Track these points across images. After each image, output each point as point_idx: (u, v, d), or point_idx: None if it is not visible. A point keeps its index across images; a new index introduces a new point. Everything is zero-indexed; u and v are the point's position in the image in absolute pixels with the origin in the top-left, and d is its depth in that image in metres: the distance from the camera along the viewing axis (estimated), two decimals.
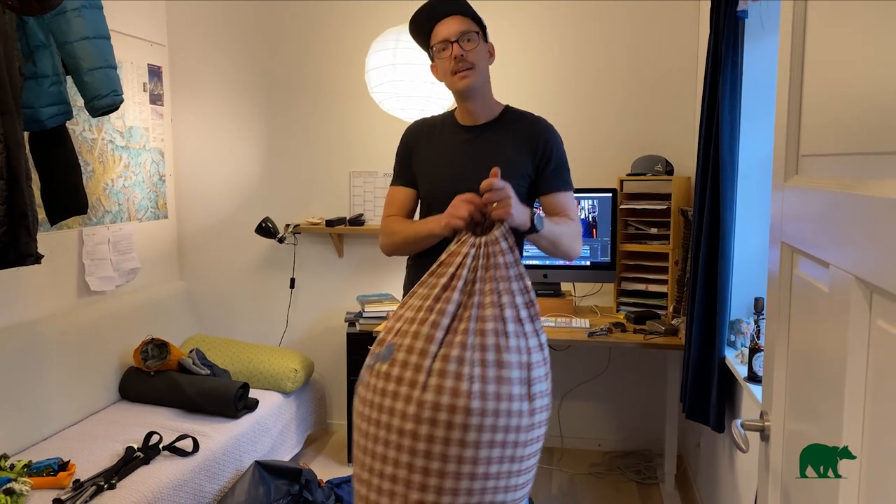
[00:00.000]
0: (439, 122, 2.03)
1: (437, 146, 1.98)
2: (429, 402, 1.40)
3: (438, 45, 1.88)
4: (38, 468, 2.37)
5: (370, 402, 1.52)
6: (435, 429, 1.39)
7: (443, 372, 1.42)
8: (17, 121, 2.01)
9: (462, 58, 1.84)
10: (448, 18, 1.88)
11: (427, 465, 1.40)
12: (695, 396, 2.50)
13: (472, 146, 1.95)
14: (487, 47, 1.94)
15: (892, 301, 0.73)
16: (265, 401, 3.24)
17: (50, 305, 3.03)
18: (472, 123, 1.97)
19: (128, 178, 3.53)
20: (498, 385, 1.42)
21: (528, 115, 2.01)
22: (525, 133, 1.95)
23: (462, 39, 1.85)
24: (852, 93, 0.87)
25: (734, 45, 2.29)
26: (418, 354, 1.46)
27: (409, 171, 2.01)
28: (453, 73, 1.86)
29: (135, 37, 3.57)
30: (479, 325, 1.47)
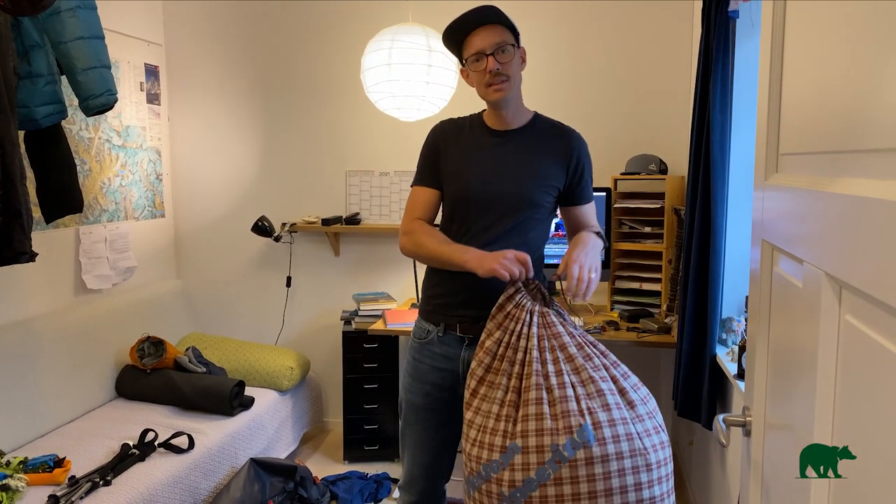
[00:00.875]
0: (467, 124, 2.01)
1: (467, 148, 1.96)
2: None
3: (472, 56, 1.85)
4: (33, 465, 2.38)
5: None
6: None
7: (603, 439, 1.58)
8: (11, 120, 2.03)
9: (497, 72, 1.82)
10: (483, 28, 1.85)
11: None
12: (686, 394, 2.52)
13: (502, 151, 1.94)
14: (521, 53, 1.92)
15: (860, 297, 0.75)
16: (261, 399, 3.26)
17: (47, 303, 3.05)
18: (503, 128, 1.96)
19: (125, 177, 3.54)
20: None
21: (560, 125, 2.01)
22: (557, 144, 1.96)
23: (497, 52, 1.83)
24: (826, 91, 0.88)
25: (725, 45, 2.31)
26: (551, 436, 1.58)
27: (435, 172, 1.98)
28: (488, 85, 1.85)
29: (132, 36, 3.59)
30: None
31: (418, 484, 2.06)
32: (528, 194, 1.91)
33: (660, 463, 1.60)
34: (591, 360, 1.68)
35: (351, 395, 3.48)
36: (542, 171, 1.93)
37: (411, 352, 2.04)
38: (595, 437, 1.54)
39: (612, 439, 1.55)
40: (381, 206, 3.76)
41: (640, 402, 1.65)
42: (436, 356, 1.98)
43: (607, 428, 1.56)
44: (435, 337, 1.97)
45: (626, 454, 1.56)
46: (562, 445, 1.54)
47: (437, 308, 1.98)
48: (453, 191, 1.95)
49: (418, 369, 2.00)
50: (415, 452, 2.04)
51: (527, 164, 1.93)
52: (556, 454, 1.54)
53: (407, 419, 2.05)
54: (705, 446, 2.75)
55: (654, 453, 1.59)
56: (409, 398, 2.03)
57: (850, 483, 0.77)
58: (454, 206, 1.96)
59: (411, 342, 2.06)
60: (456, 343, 1.96)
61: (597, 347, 1.73)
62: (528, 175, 1.92)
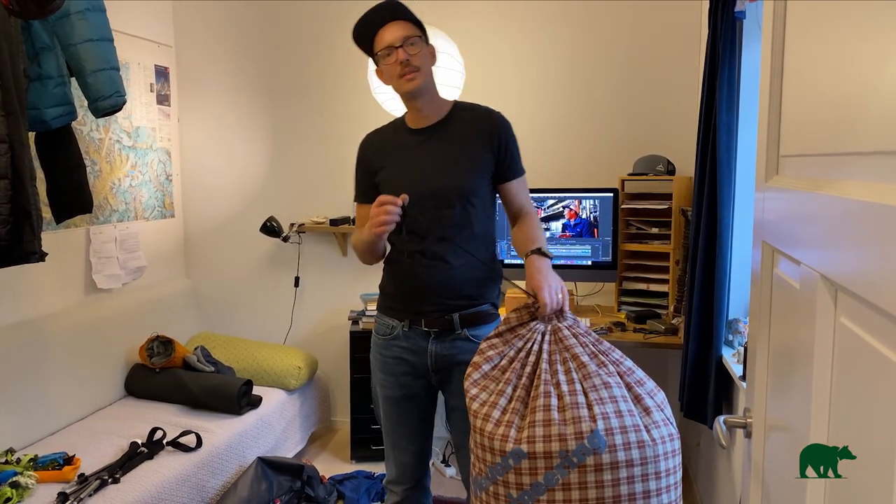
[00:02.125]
0: (391, 130, 2.07)
1: (395, 154, 2.02)
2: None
3: (383, 50, 1.92)
4: (43, 462, 2.41)
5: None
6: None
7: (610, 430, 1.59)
8: (21, 122, 2.05)
9: (408, 62, 1.89)
10: (390, 24, 1.92)
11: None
12: (692, 395, 2.51)
13: (426, 147, 1.99)
14: (429, 49, 1.98)
15: (854, 299, 0.75)
16: (269, 398, 3.28)
17: (57, 303, 3.08)
18: (425, 125, 2.01)
19: (135, 177, 3.57)
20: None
21: (479, 108, 2.05)
22: (480, 127, 2.00)
23: (406, 44, 1.90)
24: (825, 93, 0.88)
25: (732, 46, 2.30)
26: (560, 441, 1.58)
27: (370, 186, 2.05)
28: (400, 76, 1.91)
29: (142, 38, 3.62)
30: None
31: (411, 472, 2.12)
32: (460, 184, 1.96)
33: (669, 471, 1.59)
34: (605, 367, 1.68)
35: (358, 394, 3.50)
36: (470, 157, 1.97)
37: (377, 349, 2.09)
38: (606, 444, 1.54)
39: (623, 446, 1.55)
40: None
41: (656, 409, 1.64)
42: (403, 349, 2.03)
43: (619, 434, 1.56)
44: (400, 332, 2.02)
45: (637, 462, 1.55)
46: (571, 451, 1.54)
47: (398, 304, 2.02)
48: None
49: (387, 364, 2.06)
50: (404, 442, 2.10)
51: (453, 155, 1.97)
52: (566, 459, 1.54)
53: (388, 414, 2.10)
54: (712, 448, 2.74)
55: (664, 461, 1.58)
56: (386, 394, 2.08)
57: (845, 484, 0.77)
58: (402, 209, 2.02)
59: (375, 338, 2.10)
60: (422, 337, 2.00)
61: (611, 356, 1.73)
62: (456, 165, 1.97)
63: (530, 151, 3.58)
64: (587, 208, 3.22)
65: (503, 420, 1.64)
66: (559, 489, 1.54)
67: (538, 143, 3.57)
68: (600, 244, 3.23)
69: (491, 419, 1.65)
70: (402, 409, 2.07)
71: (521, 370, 1.71)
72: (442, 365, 2.00)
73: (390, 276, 2.06)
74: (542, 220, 3.25)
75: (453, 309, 1.97)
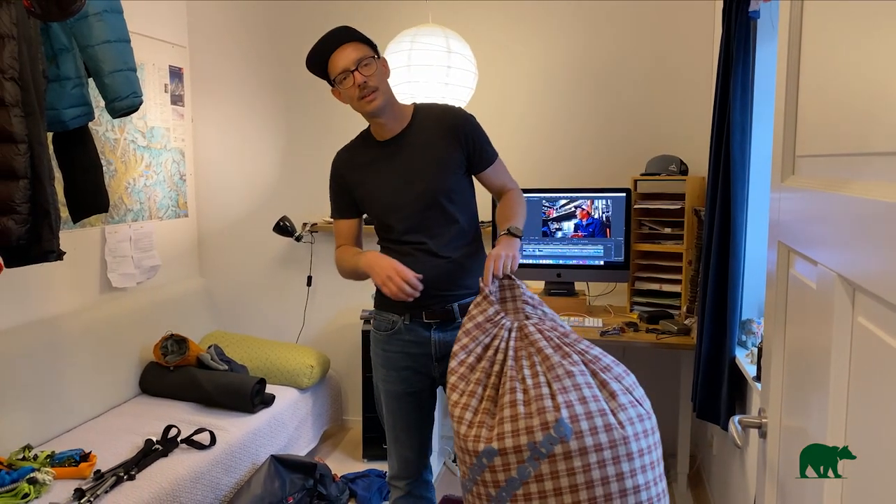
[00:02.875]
0: (360, 144, 2.11)
1: (369, 168, 2.06)
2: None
3: (339, 76, 1.94)
4: (60, 459, 2.44)
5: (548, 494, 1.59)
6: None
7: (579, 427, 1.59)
8: (40, 122, 2.08)
9: (365, 84, 1.92)
10: (341, 48, 1.94)
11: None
12: (705, 396, 2.51)
13: (400, 156, 2.03)
14: (382, 63, 2.00)
15: (872, 299, 0.75)
16: (282, 396, 3.30)
17: (73, 301, 3.11)
18: (390, 136, 2.05)
19: (149, 177, 3.60)
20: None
21: (440, 108, 2.10)
22: (443, 126, 2.05)
23: (360, 66, 1.92)
24: (842, 93, 0.88)
25: (745, 46, 2.29)
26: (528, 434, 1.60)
27: (348, 203, 2.12)
28: (360, 98, 1.94)
29: (157, 39, 3.65)
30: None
31: (414, 465, 2.17)
32: (438, 185, 2.02)
33: (642, 451, 1.59)
34: (569, 356, 1.70)
35: (370, 393, 3.51)
36: (441, 157, 2.02)
37: (379, 344, 2.13)
38: (573, 431, 1.55)
39: (589, 432, 1.56)
40: None
41: (622, 392, 1.64)
42: (406, 343, 2.08)
43: (584, 420, 1.57)
44: (402, 326, 2.07)
45: (606, 445, 1.56)
46: (539, 442, 1.55)
47: (398, 300, 2.05)
48: (375, 209, 2.07)
49: (390, 359, 2.10)
50: (406, 437, 2.15)
51: (425, 159, 2.02)
52: (535, 451, 1.56)
53: (390, 408, 2.15)
54: (725, 448, 2.73)
55: (635, 442, 1.58)
56: (389, 388, 2.13)
57: (862, 485, 0.77)
58: (380, 221, 2.08)
59: (374, 335, 2.15)
60: (423, 328, 2.06)
61: (576, 346, 1.74)
62: (431, 167, 2.02)
63: (542, 152, 3.58)
64: (599, 208, 3.22)
65: (475, 421, 1.66)
66: (533, 481, 1.55)
67: (550, 144, 3.57)
68: (613, 244, 3.22)
69: (464, 421, 1.67)
70: (404, 404, 2.12)
71: (490, 369, 1.74)
72: (444, 352, 2.06)
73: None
74: (554, 219, 3.26)
75: (452, 299, 2.05)
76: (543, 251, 3.28)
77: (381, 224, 2.09)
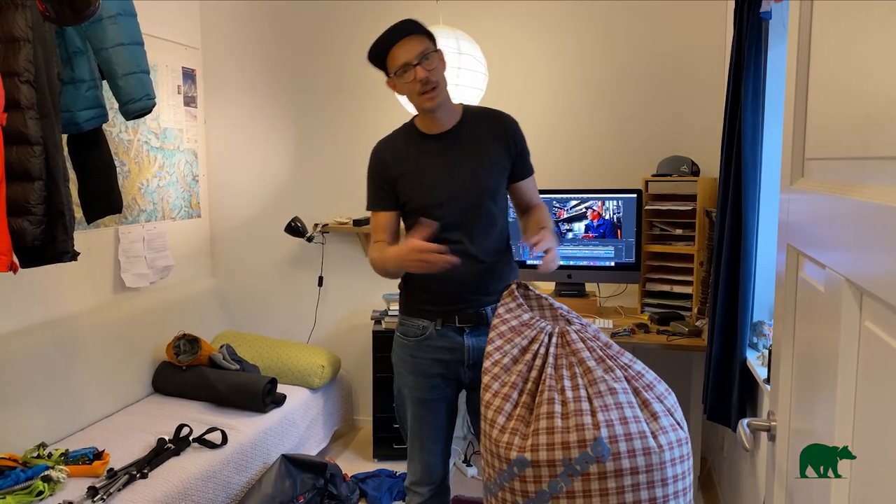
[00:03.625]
0: (404, 135, 2.08)
1: (414, 161, 2.02)
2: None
3: (400, 69, 1.91)
4: (74, 457, 2.47)
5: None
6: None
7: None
8: (55, 124, 2.10)
9: (427, 80, 1.89)
10: (404, 40, 1.91)
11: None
12: (716, 398, 2.50)
13: (446, 152, 2.01)
14: (440, 56, 1.97)
15: (879, 303, 0.75)
16: (293, 396, 3.32)
17: (87, 301, 3.14)
18: (440, 131, 2.02)
19: (162, 178, 3.63)
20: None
21: (490, 111, 2.09)
22: (494, 129, 2.04)
23: (423, 60, 1.89)
24: (852, 96, 0.88)
25: (757, 47, 2.28)
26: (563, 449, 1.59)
27: (386, 195, 2.05)
28: (420, 94, 1.91)
29: (170, 41, 3.68)
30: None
31: (437, 472, 2.13)
32: (485, 185, 2.00)
33: (677, 477, 1.58)
34: (612, 371, 1.66)
35: (381, 393, 3.52)
36: (490, 158, 2.01)
37: (407, 350, 2.08)
38: (610, 452, 1.53)
39: (627, 454, 1.54)
40: None
41: (664, 413, 1.62)
42: (437, 349, 2.04)
43: (623, 442, 1.54)
44: (433, 331, 2.03)
45: (643, 469, 1.54)
46: (574, 459, 1.53)
47: (431, 304, 2.04)
48: (416, 202, 2.02)
49: (420, 366, 2.06)
50: (432, 444, 2.11)
51: (474, 158, 2.00)
52: (569, 468, 1.54)
53: (417, 416, 2.09)
54: (735, 451, 2.72)
55: (671, 468, 1.57)
56: (416, 395, 2.08)
57: (869, 488, 0.77)
58: (416, 215, 2.01)
59: (402, 341, 2.10)
60: (456, 333, 2.03)
61: (619, 360, 1.72)
62: (479, 167, 2.00)
63: (553, 152, 3.58)
64: (610, 209, 3.21)
65: (508, 427, 1.64)
66: (563, 497, 1.54)
67: (561, 144, 3.57)
68: (623, 245, 3.22)
69: (497, 425, 1.65)
70: (432, 411, 2.08)
71: (528, 374, 1.70)
72: (477, 358, 2.03)
73: (419, 279, 2.05)
74: (565, 220, 3.26)
75: (486, 303, 2.03)
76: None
77: (417, 219, 1.99)
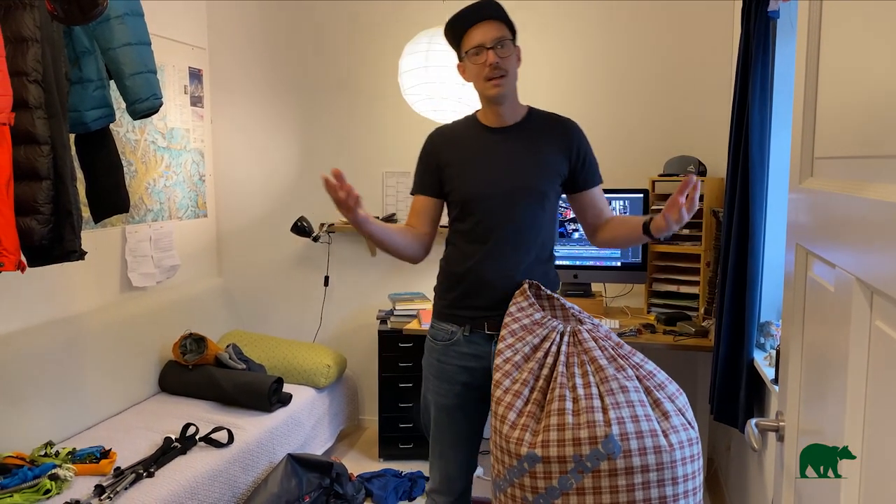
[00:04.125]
0: (462, 127, 2.04)
1: (468, 150, 1.98)
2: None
3: (473, 49, 1.88)
4: (81, 455, 2.48)
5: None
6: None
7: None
8: (63, 124, 2.11)
9: (497, 66, 1.85)
10: (484, 23, 1.88)
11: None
12: (723, 399, 2.49)
13: (504, 147, 1.96)
14: (517, 52, 1.95)
15: (890, 303, 0.75)
16: (299, 395, 3.32)
17: (94, 300, 3.15)
18: (501, 125, 1.98)
19: (169, 177, 3.64)
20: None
21: (554, 116, 2.04)
22: (555, 134, 1.99)
23: (497, 46, 1.86)
24: (861, 94, 0.87)
25: (765, 46, 2.27)
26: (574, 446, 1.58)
27: (433, 180, 2.01)
28: (487, 79, 1.87)
29: (177, 41, 3.69)
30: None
31: (456, 483, 2.06)
32: (536, 185, 1.95)
33: (687, 476, 1.58)
34: (623, 370, 1.67)
35: (386, 393, 3.52)
36: (546, 160, 1.97)
37: (434, 354, 2.03)
38: (621, 449, 1.53)
39: (637, 452, 1.54)
40: None
41: (675, 413, 1.62)
42: (464, 356, 1.98)
43: (634, 440, 1.54)
44: (461, 337, 1.98)
45: (653, 467, 1.54)
46: (585, 456, 1.53)
47: (459, 308, 1.99)
48: (462, 192, 1.96)
49: (445, 371, 2.01)
50: (452, 453, 2.04)
51: (530, 156, 1.96)
52: (579, 464, 1.54)
53: (439, 422, 2.04)
54: (743, 452, 2.71)
55: (682, 467, 1.57)
56: (439, 401, 2.03)
57: (879, 489, 0.76)
58: (464, 206, 1.97)
59: (431, 345, 2.05)
60: (484, 341, 1.97)
61: (631, 360, 1.71)
62: (534, 166, 1.96)
63: None
64: (617, 209, 3.21)
65: (518, 423, 1.64)
66: (573, 493, 1.54)
67: None
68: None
69: (507, 421, 1.65)
70: (454, 418, 2.02)
71: (539, 371, 1.70)
72: None
73: (452, 279, 2.00)
74: (570, 220, 3.25)
75: None
76: (560, 252, 3.27)
77: (462, 210, 1.97)
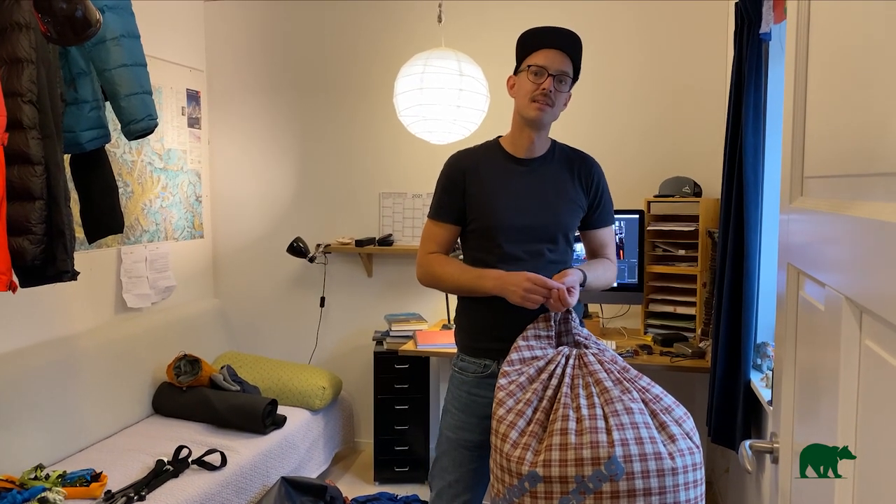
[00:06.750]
0: (483, 153, 1.99)
1: (493, 177, 1.94)
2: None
3: (534, 67, 1.86)
4: (71, 479, 2.44)
5: None
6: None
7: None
8: (57, 144, 2.11)
9: (549, 94, 1.85)
10: (559, 51, 1.87)
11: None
12: (720, 420, 2.47)
13: (531, 179, 1.94)
14: (569, 95, 1.94)
15: (879, 322, 0.74)
16: (293, 417, 3.29)
17: (88, 321, 3.14)
18: (528, 156, 1.95)
19: (165, 198, 3.64)
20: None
21: (578, 152, 2.04)
22: (578, 170, 1.99)
23: (558, 77, 1.86)
24: (848, 114, 0.88)
25: (757, 67, 2.29)
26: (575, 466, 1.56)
27: (454, 205, 1.95)
28: (532, 100, 1.86)
29: (174, 63, 3.71)
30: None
31: None
32: (562, 221, 1.94)
33: (689, 501, 1.56)
34: (629, 392, 1.65)
35: (382, 415, 3.49)
36: (570, 197, 1.96)
37: (464, 387, 1.94)
38: (624, 471, 1.51)
39: (640, 474, 1.52)
40: (414, 228, 3.79)
41: (682, 437, 1.60)
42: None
43: (637, 462, 1.52)
44: (496, 369, 1.90)
45: (656, 491, 1.52)
46: (587, 476, 1.52)
47: (490, 341, 1.91)
48: (484, 221, 1.91)
49: (476, 404, 1.91)
50: (467, 496, 1.94)
51: (557, 191, 1.94)
52: (581, 485, 1.52)
53: (456, 460, 1.94)
54: (741, 474, 2.68)
55: (685, 492, 1.55)
56: (462, 436, 1.93)
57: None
58: (484, 235, 1.92)
59: (461, 377, 1.96)
60: None
61: (637, 383, 1.70)
62: (561, 201, 1.94)
63: None
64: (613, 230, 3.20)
65: (520, 442, 1.62)
66: None
67: None
68: (626, 266, 3.20)
69: (509, 440, 1.64)
70: (475, 455, 1.93)
71: (543, 392, 1.69)
72: None
73: (478, 313, 1.95)
74: None
75: None
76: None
77: (485, 238, 1.93)
